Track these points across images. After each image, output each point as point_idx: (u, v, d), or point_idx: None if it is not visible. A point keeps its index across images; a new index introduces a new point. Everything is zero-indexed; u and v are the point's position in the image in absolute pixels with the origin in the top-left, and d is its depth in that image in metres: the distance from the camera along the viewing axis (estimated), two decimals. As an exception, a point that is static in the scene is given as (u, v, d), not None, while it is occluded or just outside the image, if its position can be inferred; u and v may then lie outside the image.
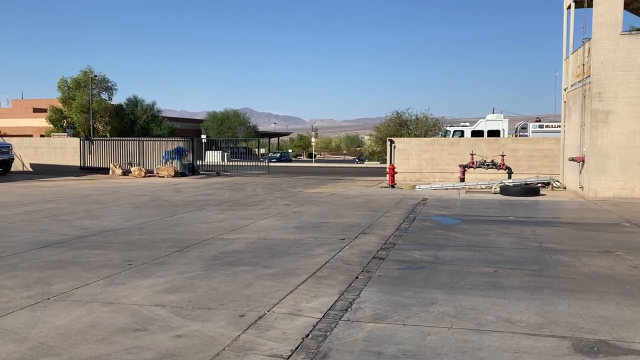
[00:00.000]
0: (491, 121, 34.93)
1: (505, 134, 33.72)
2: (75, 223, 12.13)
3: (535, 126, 33.79)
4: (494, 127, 34.06)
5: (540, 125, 33.99)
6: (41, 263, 8.06)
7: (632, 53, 15.72)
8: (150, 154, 30.50)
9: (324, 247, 9.03)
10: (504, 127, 34.28)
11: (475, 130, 34.23)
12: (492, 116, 35.75)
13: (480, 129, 34.26)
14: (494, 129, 33.90)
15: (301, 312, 5.65)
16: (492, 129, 33.89)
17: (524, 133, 34.17)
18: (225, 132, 73.13)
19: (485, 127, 34.34)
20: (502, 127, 34.20)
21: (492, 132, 33.55)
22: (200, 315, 5.58)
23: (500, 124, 34.51)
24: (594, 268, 7.59)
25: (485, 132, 33.63)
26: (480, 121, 35.76)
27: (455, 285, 6.70)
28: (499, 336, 4.96)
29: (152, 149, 30.66)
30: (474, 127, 34.81)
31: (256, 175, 30.29)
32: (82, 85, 58.14)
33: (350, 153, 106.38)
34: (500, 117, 35.58)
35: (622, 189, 15.92)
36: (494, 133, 33.37)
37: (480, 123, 35.27)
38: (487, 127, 34.23)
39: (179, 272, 7.39)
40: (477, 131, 34.02)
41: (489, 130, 33.75)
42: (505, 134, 33.70)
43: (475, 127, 34.68)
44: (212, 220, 12.57)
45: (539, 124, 34.38)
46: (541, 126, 34.01)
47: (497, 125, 34.34)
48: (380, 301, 6.02)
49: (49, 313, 5.67)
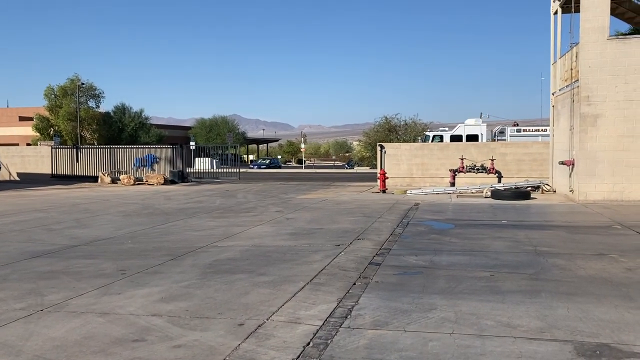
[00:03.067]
0: (470, 126, 35.30)
1: (484, 139, 34.08)
2: (66, 232, 11.98)
3: (512, 130, 34.29)
4: (473, 132, 34.42)
5: (517, 130, 34.49)
6: (33, 274, 7.93)
7: (619, 57, 15.90)
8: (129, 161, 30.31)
9: (319, 254, 8.99)
10: (482, 131, 34.67)
11: (454, 135, 34.55)
12: (471, 121, 36.13)
13: (459, 133, 34.59)
14: (473, 134, 34.26)
15: (300, 320, 5.60)
16: (471, 134, 34.25)
17: (501, 137, 34.63)
18: (214, 138, 72.95)
19: (464, 131, 34.68)
20: (480, 131, 34.58)
21: (470, 136, 33.91)
22: (198, 324, 5.50)
23: (478, 129, 34.88)
24: (590, 271, 7.62)
25: (464, 136, 33.96)
26: (459, 126, 36.12)
27: (453, 290, 6.68)
28: (501, 341, 4.94)
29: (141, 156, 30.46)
30: (453, 131, 35.13)
31: (249, 182, 30.19)
32: (69, 93, 57.78)
33: (339, 158, 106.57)
34: (479, 122, 36.04)
35: (612, 191, 16.05)
36: (473, 137, 33.75)
37: (459, 128, 35.62)
38: (466, 132, 34.57)
39: (174, 281, 7.30)
40: (455, 136, 34.34)
41: (468, 135, 34.09)
42: (483, 138, 34.08)
43: (454, 131, 35.01)
44: (205, 227, 12.47)
45: (516, 128, 34.85)
46: (519, 130, 34.50)
47: (475, 129, 34.71)
48: (380, 307, 5.98)
49: (43, 325, 5.57)
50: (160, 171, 29.43)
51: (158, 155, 30.17)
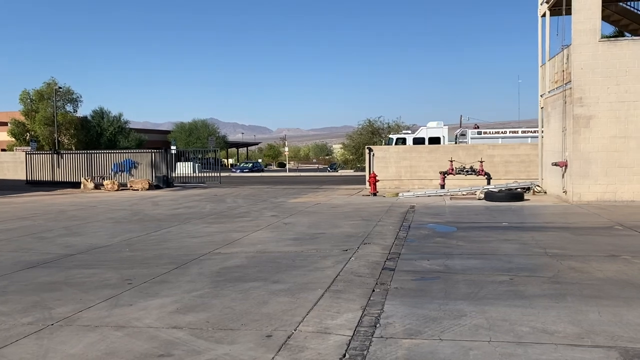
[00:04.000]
0: (432, 128, 35.64)
1: (446, 141, 34.44)
2: (58, 241, 11.56)
3: (473, 133, 34.79)
4: (435, 134, 34.78)
5: (478, 132, 35.05)
6: (33, 285, 7.57)
7: (611, 59, 16.03)
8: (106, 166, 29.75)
9: (329, 259, 8.78)
10: (444, 134, 35.06)
11: (417, 137, 34.87)
12: (433, 124, 36.51)
13: (421, 136, 34.90)
14: (435, 136, 34.62)
15: (329, 330, 5.38)
16: (433, 136, 34.61)
17: (463, 140, 35.18)
18: (194, 142, 72.13)
19: (427, 134, 35.00)
20: (442, 134, 34.97)
21: (432, 139, 34.28)
22: (224, 337, 5.25)
23: (440, 131, 35.25)
24: (608, 273, 7.55)
25: (426, 139, 34.29)
26: (422, 128, 36.47)
27: (477, 296, 6.53)
28: (543, 348, 4.79)
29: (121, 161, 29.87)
30: (416, 134, 35.46)
31: (234, 186, 29.82)
32: (46, 98, 56.52)
33: (319, 162, 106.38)
34: (441, 125, 36.51)
35: (605, 192, 16.16)
36: (435, 140, 34.11)
37: (422, 130, 35.97)
38: (428, 135, 34.90)
39: (185, 291, 7.02)
40: (418, 138, 34.65)
41: (430, 137, 34.40)
42: (445, 140, 34.44)
43: (417, 134, 35.33)
44: (202, 234, 12.16)
45: (477, 131, 35.38)
46: (479, 132, 35.05)
47: (437, 132, 35.08)
48: (407, 315, 5.80)
49: (58, 340, 5.26)
50: (139, 176, 28.89)
51: (138, 160, 29.62)
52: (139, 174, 29.14)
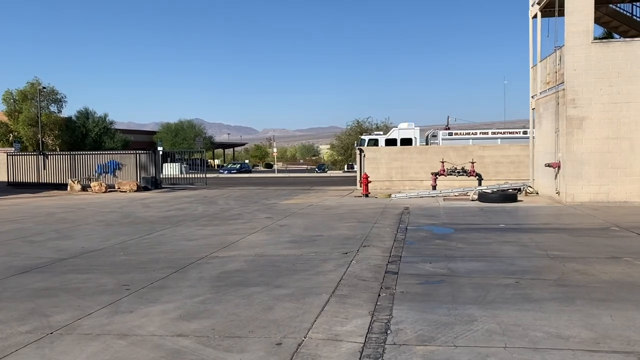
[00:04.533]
0: (404, 130, 35.83)
1: (417, 142, 34.60)
2: (49, 244, 11.29)
3: (445, 134, 35.07)
4: (407, 136, 34.97)
5: (449, 133, 35.36)
6: (27, 291, 7.35)
7: (603, 60, 16.11)
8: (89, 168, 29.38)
9: (330, 263, 8.65)
10: (415, 135, 35.25)
11: (389, 138, 35.02)
12: (404, 125, 36.63)
13: (394, 137, 35.06)
14: (407, 137, 34.80)
15: (340, 337, 5.25)
16: (405, 137, 34.77)
17: (434, 141, 35.47)
18: (180, 143, 71.58)
19: (399, 135, 35.16)
20: (414, 135, 35.13)
21: (404, 140, 34.45)
22: (232, 345, 5.09)
23: (412, 132, 35.45)
24: (613, 275, 7.51)
25: (398, 140, 34.45)
26: (394, 130, 36.65)
27: (485, 299, 6.44)
28: (561, 354, 4.70)
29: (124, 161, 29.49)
30: (388, 135, 35.62)
31: (223, 187, 29.56)
32: (29, 98, 55.68)
33: (306, 162, 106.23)
34: (412, 126, 36.68)
35: (598, 193, 16.22)
36: (407, 141, 34.27)
37: (394, 131, 36.14)
38: (400, 136, 35.08)
39: (186, 296, 6.85)
40: (390, 139, 34.82)
41: (402, 139, 34.56)
42: (417, 142, 34.60)
43: (389, 135, 35.49)
44: (197, 237, 11.96)
45: (448, 132, 35.69)
46: (450, 134, 35.35)
47: (409, 133, 35.28)
48: (418, 321, 5.68)
49: (59, 350, 5.06)
50: (123, 178, 28.52)
51: (124, 162, 29.24)
52: (124, 176, 28.77)
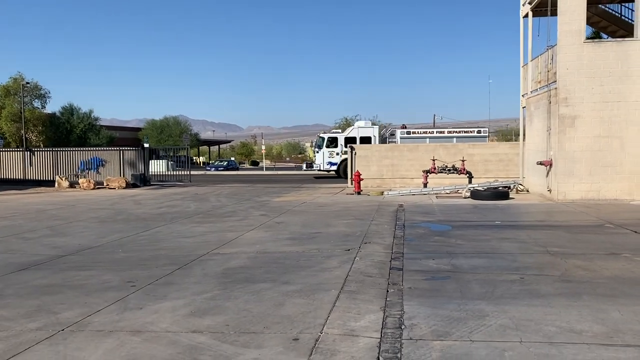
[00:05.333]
0: (362, 128, 36.13)
1: (377, 141, 34.81)
2: (44, 241, 11.16)
3: (403, 132, 35.37)
4: (366, 134, 35.27)
5: (407, 132, 35.67)
6: (30, 288, 7.26)
7: (595, 60, 16.31)
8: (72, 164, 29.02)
9: (334, 260, 8.66)
10: (374, 133, 35.50)
11: (349, 137, 35.23)
12: (361, 123, 36.80)
13: (353, 135, 35.31)
14: (366, 136, 35.06)
15: (356, 332, 5.26)
16: (364, 136, 35.03)
17: (392, 139, 35.75)
18: (165, 140, 70.97)
19: (358, 134, 35.37)
20: (373, 133, 35.41)
21: (363, 138, 34.70)
22: (249, 341, 5.08)
23: (371, 131, 35.76)
24: (614, 271, 7.62)
25: (357, 138, 34.68)
26: (352, 128, 36.91)
27: (493, 295, 6.50)
28: (577, 348, 4.77)
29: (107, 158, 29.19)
30: (347, 134, 35.82)
31: (212, 184, 29.42)
32: (12, 93, 54.79)
33: (292, 160, 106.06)
34: (368, 124, 36.91)
35: (589, 190, 16.44)
36: (366, 139, 34.53)
37: (353, 130, 36.41)
38: (359, 134, 35.32)
39: (194, 293, 6.81)
40: (349, 138, 35.03)
41: (361, 137, 34.81)
42: (376, 140, 34.81)
43: (348, 134, 35.70)
44: (194, 234, 11.90)
45: (406, 131, 36.04)
46: (408, 132, 35.67)
47: (368, 132, 35.59)
48: (430, 316, 5.72)
49: (73, 347, 5.01)
50: (107, 174, 28.27)
51: (107, 158, 28.97)
52: (108, 172, 28.49)
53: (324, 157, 36.00)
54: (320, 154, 36.21)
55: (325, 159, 35.91)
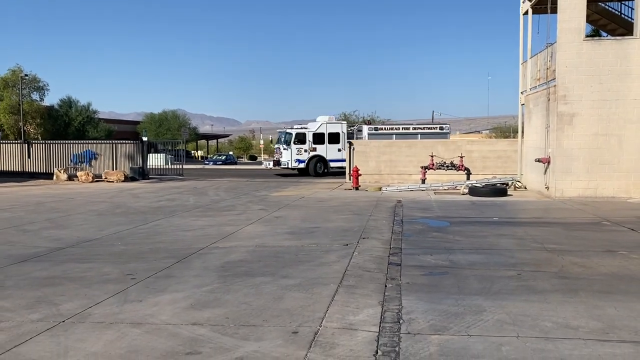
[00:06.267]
0: (331, 124, 35.92)
1: (345, 137, 34.64)
2: (44, 234, 11.19)
3: (371, 129, 35.34)
4: (334, 130, 35.10)
5: (375, 129, 35.69)
6: (30, 280, 7.30)
7: (594, 58, 16.35)
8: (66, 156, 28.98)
9: (332, 254, 8.71)
10: (343, 129, 35.35)
11: (317, 132, 34.89)
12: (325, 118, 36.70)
13: (321, 131, 35.04)
14: (334, 132, 34.89)
15: (354, 326, 5.32)
16: (332, 132, 34.87)
17: (359, 135, 35.69)
18: (164, 134, 70.87)
19: (326, 129, 35.18)
20: (341, 129, 35.27)
21: (332, 134, 34.53)
22: (248, 333, 5.13)
23: (339, 127, 35.60)
24: (611, 268, 7.69)
25: (326, 134, 34.49)
26: (321, 124, 36.61)
27: (490, 291, 6.57)
28: (573, 343, 4.83)
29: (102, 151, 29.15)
30: (315, 129, 35.43)
31: (211, 179, 29.44)
32: (11, 85, 54.66)
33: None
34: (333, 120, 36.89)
35: (587, 188, 16.51)
36: (334, 135, 34.33)
37: (321, 126, 36.10)
38: (328, 130, 35.12)
39: (194, 286, 6.86)
40: (318, 133, 34.69)
41: (330, 133, 34.62)
42: (345, 136, 34.67)
43: (317, 130, 35.35)
44: (193, 227, 11.94)
45: (373, 127, 36.06)
46: (376, 129, 35.68)
47: (336, 127, 35.40)
48: (428, 311, 5.78)
49: (74, 338, 5.06)
50: (102, 168, 28.26)
51: (99, 152, 28.94)
52: (102, 165, 28.48)
53: (291, 154, 34.31)
54: (289, 150, 34.45)
55: (293, 155, 34.30)
